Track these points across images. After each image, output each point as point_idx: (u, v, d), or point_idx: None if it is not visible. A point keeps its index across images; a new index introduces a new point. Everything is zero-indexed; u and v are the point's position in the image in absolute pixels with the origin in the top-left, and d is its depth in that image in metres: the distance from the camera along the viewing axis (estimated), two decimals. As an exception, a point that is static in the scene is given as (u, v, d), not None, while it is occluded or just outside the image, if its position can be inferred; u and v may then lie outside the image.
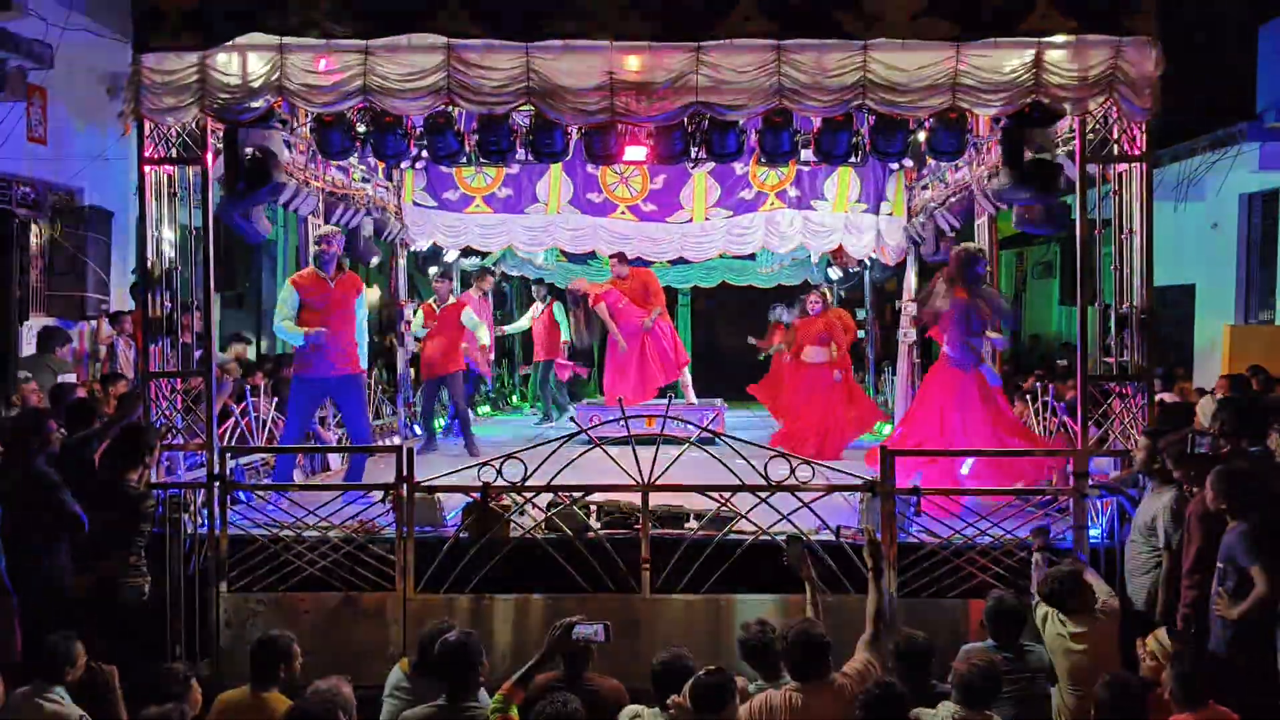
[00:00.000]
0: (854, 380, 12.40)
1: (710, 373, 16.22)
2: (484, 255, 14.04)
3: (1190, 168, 12.78)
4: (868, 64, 7.07)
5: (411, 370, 13.09)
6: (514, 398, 17.45)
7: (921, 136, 8.14)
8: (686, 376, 13.15)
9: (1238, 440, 6.39)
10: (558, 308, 14.80)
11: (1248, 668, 5.46)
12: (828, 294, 12.62)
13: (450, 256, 13.89)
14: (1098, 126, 7.34)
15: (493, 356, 13.85)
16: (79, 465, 7.07)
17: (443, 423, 13.23)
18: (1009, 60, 7.06)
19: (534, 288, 15.33)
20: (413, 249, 12.94)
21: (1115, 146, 7.34)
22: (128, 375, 9.53)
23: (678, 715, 4.77)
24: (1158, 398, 8.72)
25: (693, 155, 8.12)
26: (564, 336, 14.70)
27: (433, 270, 11.43)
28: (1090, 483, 7.19)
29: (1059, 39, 7.04)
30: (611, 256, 12.45)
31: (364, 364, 9.46)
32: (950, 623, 6.83)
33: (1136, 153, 7.32)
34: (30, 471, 6.39)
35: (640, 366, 12.57)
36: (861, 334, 15.42)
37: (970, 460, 10.05)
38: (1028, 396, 9.74)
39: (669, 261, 13.23)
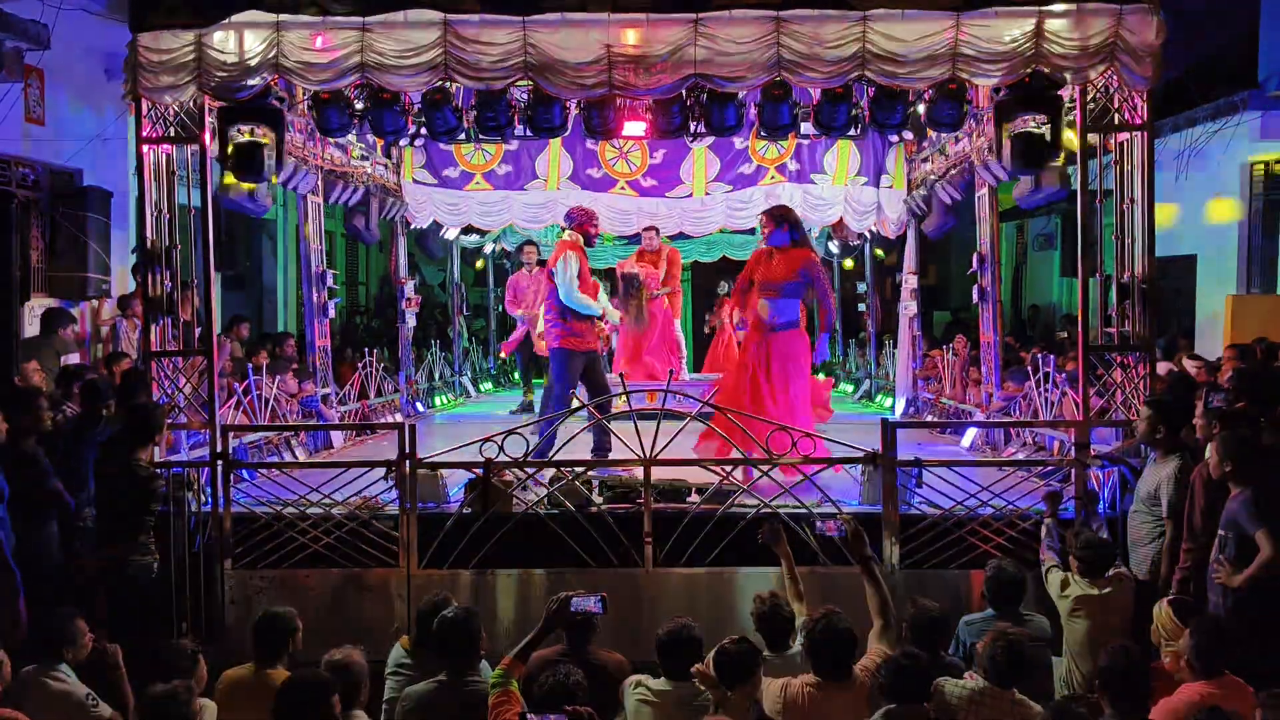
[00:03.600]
0: None
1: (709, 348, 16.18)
2: (484, 233, 14.04)
3: (1191, 138, 12.69)
4: (867, 35, 7.05)
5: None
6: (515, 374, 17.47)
7: (921, 108, 8.08)
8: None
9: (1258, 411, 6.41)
10: None
11: (1249, 634, 5.47)
12: None
13: (450, 234, 13.86)
14: (1098, 96, 7.31)
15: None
16: (94, 446, 7.11)
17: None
18: (1009, 30, 7.04)
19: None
20: (413, 226, 12.94)
21: (1116, 115, 7.31)
22: (131, 355, 9.54)
23: (703, 684, 4.78)
24: (1163, 368, 8.75)
25: (692, 129, 8.10)
26: None
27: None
28: (1092, 453, 7.20)
29: (1059, 8, 7.02)
30: (646, 230, 12.41)
31: None
32: (953, 593, 6.85)
33: (1138, 121, 7.29)
34: (18, 451, 6.41)
35: (651, 350, 12.51)
36: (862, 307, 15.45)
37: (973, 433, 10.15)
38: (1029, 369, 9.73)
39: (669, 236, 13.20)
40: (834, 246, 15.48)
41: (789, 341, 8.35)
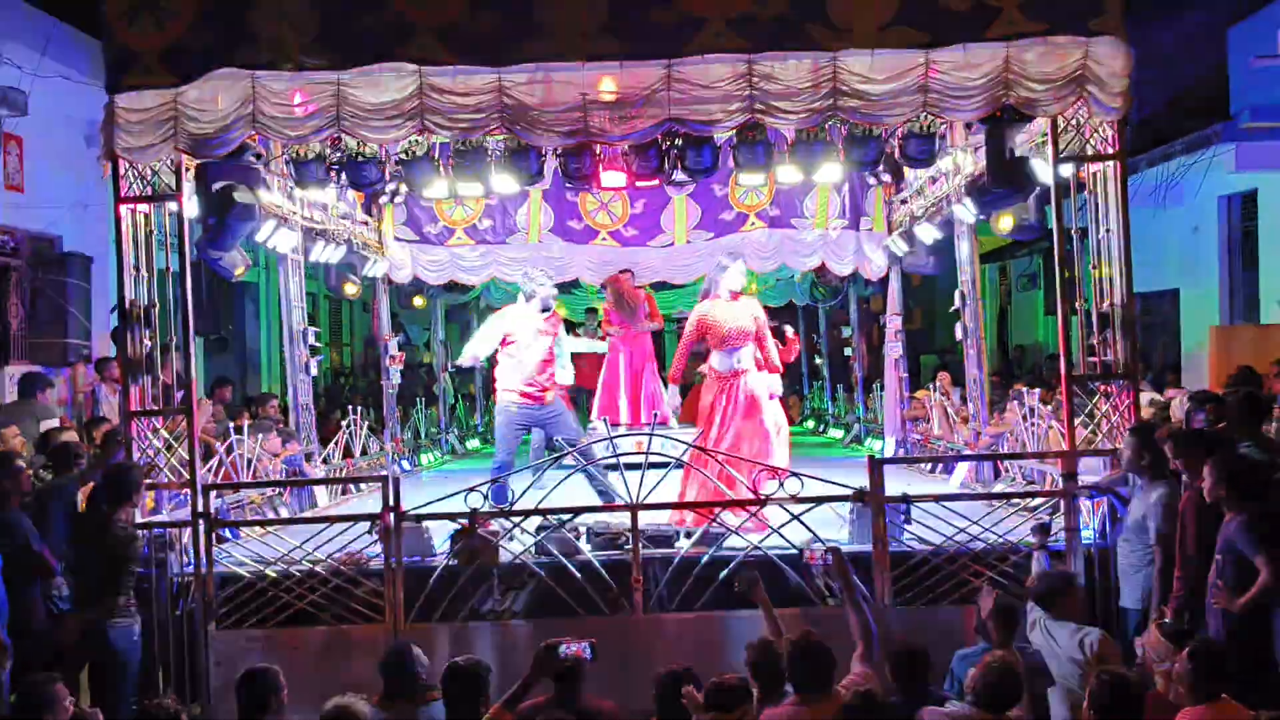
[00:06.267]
0: None
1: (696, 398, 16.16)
2: (467, 288, 14.05)
3: (1168, 172, 12.82)
4: (838, 74, 7.12)
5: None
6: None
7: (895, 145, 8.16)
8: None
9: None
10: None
11: (1247, 659, 5.41)
12: None
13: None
14: (1070, 127, 7.36)
15: None
16: (63, 508, 7.04)
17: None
18: (979, 65, 7.10)
19: None
20: (395, 284, 12.95)
21: (1088, 146, 7.37)
22: (112, 420, 9.47)
23: (691, 707, 4.75)
24: (1149, 397, 8.76)
25: (668, 172, 8.14)
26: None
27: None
28: (1079, 484, 7.17)
29: (1028, 42, 7.08)
30: (622, 272, 12.43)
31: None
32: (946, 630, 6.74)
33: (1110, 151, 7.34)
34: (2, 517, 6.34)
35: (633, 391, 12.51)
36: (849, 351, 15.46)
37: (964, 469, 10.11)
38: (1014, 403, 9.73)
39: (652, 286, 13.23)
40: (817, 291, 15.52)
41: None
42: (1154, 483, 6.36)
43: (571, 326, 13.91)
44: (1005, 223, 8.98)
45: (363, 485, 10.63)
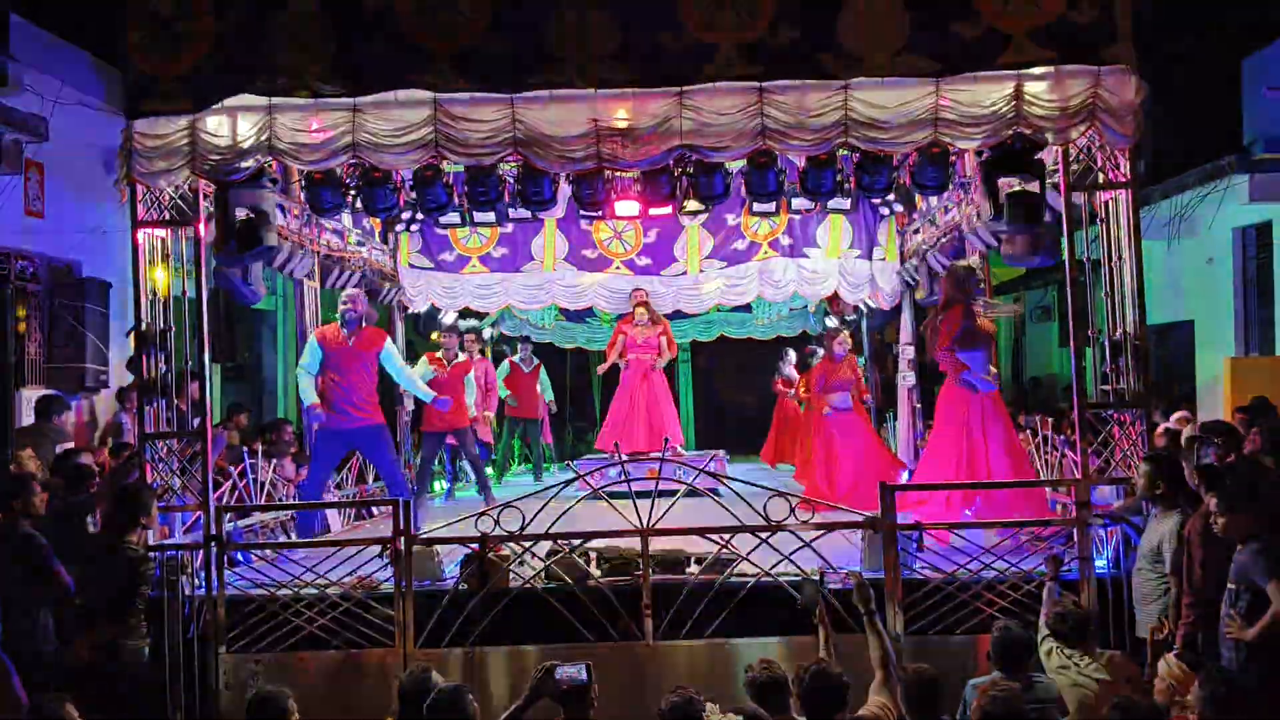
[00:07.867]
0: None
1: (711, 427, 16.21)
2: (482, 316, 14.09)
3: (1181, 203, 12.79)
4: (849, 102, 7.16)
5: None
6: (514, 463, 17.36)
7: (905, 173, 8.18)
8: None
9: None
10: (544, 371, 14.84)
11: (1262, 688, 5.37)
12: (850, 337, 11.81)
13: (448, 318, 13.92)
14: (1081, 156, 7.39)
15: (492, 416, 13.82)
16: (76, 529, 7.07)
17: (444, 484, 13.22)
18: (989, 93, 7.15)
19: (520, 346, 15.26)
20: (410, 311, 13.00)
21: (1100, 175, 7.38)
22: (133, 445, 9.51)
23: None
24: (1163, 426, 8.72)
25: (680, 199, 8.19)
26: (547, 398, 14.74)
27: (446, 323, 11.92)
28: (1094, 512, 7.13)
29: (1038, 71, 7.13)
30: (636, 290, 12.45)
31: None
32: (959, 660, 6.71)
33: (1121, 180, 7.36)
34: (15, 536, 6.36)
35: (643, 419, 12.50)
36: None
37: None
38: (1027, 431, 9.70)
39: (666, 315, 13.23)
40: (831, 320, 15.50)
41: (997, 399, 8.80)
42: (1169, 511, 6.33)
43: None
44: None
45: (375, 510, 10.64)
